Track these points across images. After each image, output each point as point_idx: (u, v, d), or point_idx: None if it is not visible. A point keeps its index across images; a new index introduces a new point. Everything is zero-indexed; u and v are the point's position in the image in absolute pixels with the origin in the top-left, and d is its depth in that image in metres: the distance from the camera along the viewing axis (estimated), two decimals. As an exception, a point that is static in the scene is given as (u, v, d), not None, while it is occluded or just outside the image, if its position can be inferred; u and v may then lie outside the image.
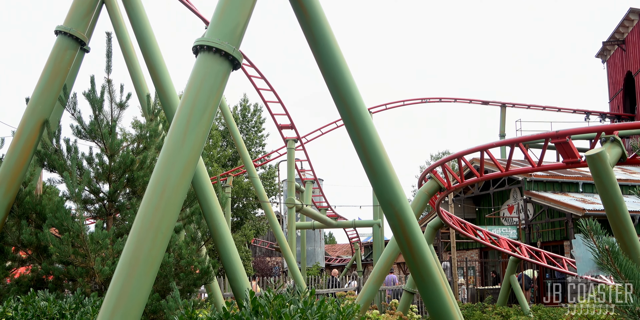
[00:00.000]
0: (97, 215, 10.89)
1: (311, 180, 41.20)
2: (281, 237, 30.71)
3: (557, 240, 32.22)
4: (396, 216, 9.43)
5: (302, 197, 40.03)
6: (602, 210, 18.87)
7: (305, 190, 40.52)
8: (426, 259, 9.55)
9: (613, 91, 47.96)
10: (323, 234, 58.06)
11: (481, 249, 38.42)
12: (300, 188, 40.69)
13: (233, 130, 30.03)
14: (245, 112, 54.12)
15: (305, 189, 40.59)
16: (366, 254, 61.07)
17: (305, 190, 40.47)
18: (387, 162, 9.44)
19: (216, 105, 7.50)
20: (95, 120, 10.77)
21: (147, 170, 10.79)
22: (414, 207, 14.95)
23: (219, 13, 7.78)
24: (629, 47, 44.38)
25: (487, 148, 14.86)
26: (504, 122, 46.66)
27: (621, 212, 10.94)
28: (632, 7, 42.76)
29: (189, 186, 7.90)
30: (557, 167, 14.15)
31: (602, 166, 10.96)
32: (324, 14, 9.07)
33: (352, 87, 9.25)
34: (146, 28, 12.34)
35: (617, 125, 12.87)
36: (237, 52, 7.65)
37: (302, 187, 40.91)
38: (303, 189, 40.80)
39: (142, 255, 6.75)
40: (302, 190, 40.85)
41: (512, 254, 23.59)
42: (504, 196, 37.40)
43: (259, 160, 47.33)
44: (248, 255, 47.86)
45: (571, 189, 33.81)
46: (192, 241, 10.91)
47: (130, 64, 13.42)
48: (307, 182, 40.88)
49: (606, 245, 4.23)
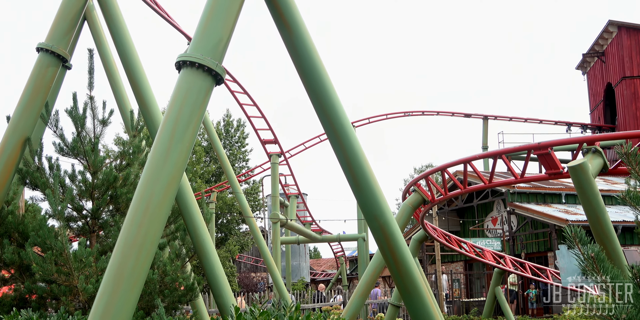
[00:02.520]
0: (81, 232, 10.82)
1: (295, 194, 41.14)
2: (266, 252, 30.59)
3: (541, 251, 32.32)
4: (381, 229, 9.43)
5: (287, 212, 39.95)
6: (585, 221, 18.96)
7: (290, 204, 40.45)
8: (411, 271, 9.55)
9: (594, 102, 48.38)
10: (308, 248, 57.90)
11: (466, 261, 38.46)
12: (284, 203, 40.61)
13: (216, 145, 29.97)
14: (228, 128, 54.04)
15: (289, 204, 40.52)
16: (351, 268, 60.96)
17: (290, 205, 40.40)
18: (371, 175, 9.45)
19: (199, 120, 7.49)
20: (77, 137, 10.72)
21: (131, 186, 10.74)
22: (399, 220, 14.96)
23: (201, 28, 7.80)
24: (608, 59, 44.84)
25: (470, 160, 14.92)
26: (487, 134, 46.89)
27: (604, 222, 11.00)
28: (611, 20, 43.25)
29: (173, 202, 7.87)
30: (540, 179, 14.24)
31: (585, 177, 11.04)
32: (307, 30, 9.11)
33: (335, 101, 9.27)
34: (128, 44, 12.32)
35: (599, 136, 12.99)
36: (220, 67, 7.66)
37: (286, 202, 40.84)
38: (287, 203, 40.73)
39: (126, 272, 6.71)
40: (286, 205, 40.78)
41: (496, 266, 23.63)
42: (488, 208, 37.52)
43: (243, 176, 47.23)
44: (233, 271, 47.60)
45: (554, 200, 33.97)
46: (177, 257, 10.85)
47: (112, 81, 13.39)
48: (291, 196, 40.82)
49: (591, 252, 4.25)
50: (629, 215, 28.34)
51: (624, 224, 27.52)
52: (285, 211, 40.24)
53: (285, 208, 40.69)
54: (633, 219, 4.54)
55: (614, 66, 44.01)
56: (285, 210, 40.53)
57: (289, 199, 40.77)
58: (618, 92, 43.61)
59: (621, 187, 35.16)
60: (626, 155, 4.45)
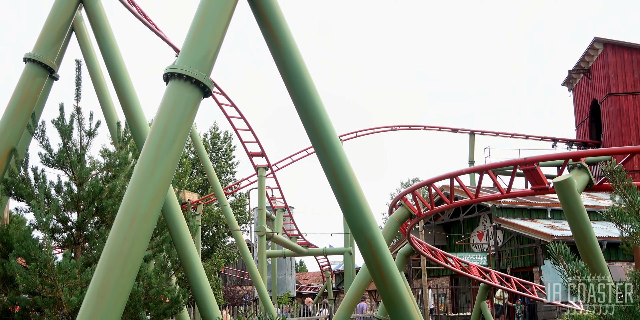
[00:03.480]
0: (65, 244, 10.76)
1: (282, 207, 41.07)
2: (252, 265, 30.49)
3: (527, 266, 32.37)
4: (367, 243, 9.44)
5: (273, 225, 39.87)
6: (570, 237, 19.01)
7: (276, 218, 40.38)
8: (397, 286, 9.55)
9: (579, 119, 48.69)
10: (294, 262, 57.79)
11: (452, 275, 38.45)
12: (270, 216, 40.54)
13: (203, 158, 29.93)
14: (215, 140, 53.97)
15: (276, 217, 40.45)
16: (337, 281, 60.81)
17: (276, 218, 40.32)
18: (358, 189, 9.47)
19: (187, 133, 7.49)
20: (64, 148, 10.68)
21: (117, 198, 10.70)
22: (385, 235, 14.96)
23: (189, 41, 7.81)
24: (594, 76, 45.20)
25: (456, 175, 14.96)
26: (473, 149, 47.05)
27: (589, 238, 11.05)
28: (596, 37, 43.63)
29: (159, 214, 7.85)
30: (526, 194, 14.29)
31: (570, 193, 11.09)
32: (295, 43, 9.14)
33: (322, 115, 9.30)
34: (116, 55, 12.32)
35: (584, 152, 13.06)
36: (208, 79, 7.67)
37: (272, 215, 40.76)
38: (274, 216, 40.65)
39: (111, 284, 6.67)
40: (272, 218, 40.70)
41: (482, 281, 23.64)
42: (474, 223, 37.57)
43: (230, 188, 47.13)
44: (218, 284, 47.38)
45: (540, 215, 34.06)
46: (162, 270, 10.80)
47: (99, 92, 13.37)
48: (277, 209, 40.75)
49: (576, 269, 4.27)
50: (614, 231, 28.44)
51: (609, 240, 27.61)
52: (271, 224, 40.16)
53: (271, 221, 40.61)
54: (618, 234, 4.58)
55: (599, 83, 44.36)
56: (271, 223, 40.45)
57: (276, 212, 40.70)
58: (603, 109, 43.92)
59: (606, 203, 35.33)
60: (610, 172, 4.48)
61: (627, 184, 4.35)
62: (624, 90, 42.65)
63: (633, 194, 4.34)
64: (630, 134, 42.07)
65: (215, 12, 7.95)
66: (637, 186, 4.51)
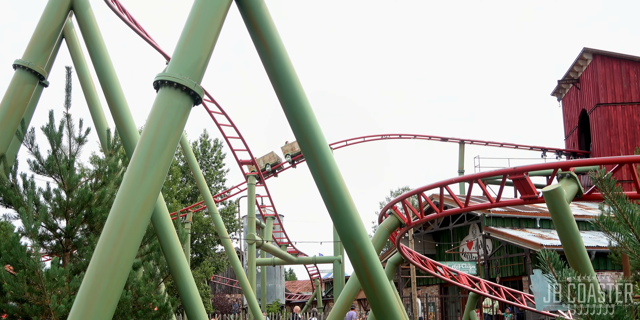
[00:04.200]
0: (54, 251, 10.70)
1: (272, 216, 41.00)
2: (241, 273, 30.40)
3: (516, 275, 32.42)
4: (357, 252, 9.44)
5: (263, 233, 39.77)
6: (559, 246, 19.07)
7: (266, 226, 40.29)
8: (387, 294, 9.54)
9: (568, 128, 48.92)
10: (283, 270, 57.63)
11: (441, 284, 38.46)
12: (260, 224, 40.45)
13: (193, 165, 29.88)
14: (205, 148, 53.90)
15: (265, 225, 40.36)
16: (327, 290, 60.70)
17: (266, 226, 40.24)
18: (348, 198, 9.47)
19: (177, 140, 7.48)
20: (53, 155, 10.64)
21: (106, 205, 10.66)
22: (375, 243, 14.96)
23: (180, 48, 7.81)
24: (583, 86, 45.45)
25: (446, 184, 14.99)
26: (463, 158, 47.15)
27: (578, 248, 11.07)
28: (585, 47, 43.88)
29: (148, 222, 7.82)
30: (515, 203, 14.32)
31: (559, 202, 11.12)
32: (285, 50, 9.16)
33: (313, 124, 9.31)
34: (106, 62, 12.31)
35: (573, 161, 13.12)
36: (198, 87, 7.67)
37: (262, 223, 40.68)
38: (263, 224, 40.57)
39: (100, 292, 6.64)
40: (262, 226, 40.61)
41: (471, 290, 23.65)
42: (463, 232, 37.63)
43: (219, 196, 47.02)
44: (207, 292, 47.20)
45: (529, 224, 34.14)
46: (151, 278, 10.76)
47: (89, 99, 13.34)
48: (267, 218, 40.67)
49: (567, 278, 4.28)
50: (603, 241, 28.53)
51: (598, 250, 27.70)
52: (261, 232, 40.06)
53: (261, 229, 40.52)
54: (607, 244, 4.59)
55: (588, 93, 44.61)
56: (261, 231, 40.36)
57: (265, 220, 40.62)
58: (592, 119, 44.15)
59: (595, 212, 35.47)
60: (600, 181, 4.50)
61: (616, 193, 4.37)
62: (612, 100, 42.91)
63: (622, 203, 4.36)
64: (618, 144, 42.29)
65: (206, 20, 7.97)
66: (626, 195, 4.53)
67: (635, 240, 4.27)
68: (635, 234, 4.28)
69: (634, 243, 4.27)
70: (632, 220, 4.30)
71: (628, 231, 4.33)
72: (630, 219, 4.30)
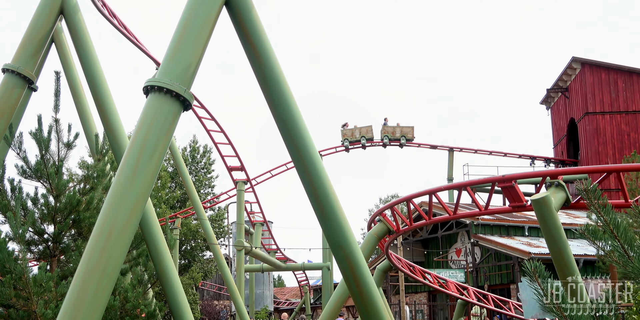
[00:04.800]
0: (41, 256, 10.65)
1: (260, 222, 40.94)
2: (229, 280, 30.32)
3: (504, 283, 32.47)
4: (346, 259, 9.44)
5: (251, 240, 39.69)
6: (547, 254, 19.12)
7: (255, 232, 40.22)
8: (375, 301, 9.54)
9: (557, 137, 49.13)
10: (272, 276, 57.52)
11: (429, 292, 38.46)
12: (249, 230, 40.37)
13: (182, 171, 29.81)
14: (194, 154, 53.77)
15: (254, 231, 40.29)
16: (315, 297, 60.59)
17: (255, 233, 40.17)
18: (338, 205, 9.48)
19: (166, 146, 7.47)
20: (41, 160, 10.60)
21: (94, 211, 10.62)
22: (364, 250, 14.96)
23: (170, 54, 7.81)
24: (571, 95, 45.68)
25: (435, 192, 15.02)
26: (452, 166, 47.24)
27: (566, 256, 11.11)
28: (574, 56, 44.13)
29: (137, 228, 7.80)
30: (504, 211, 14.37)
31: (547, 210, 11.16)
32: (276, 57, 9.17)
33: (302, 130, 9.32)
34: (96, 67, 12.28)
35: (561, 170, 13.17)
36: (188, 93, 7.67)
37: (251, 230, 40.61)
38: (252, 231, 40.50)
39: (87, 298, 6.61)
40: (251, 232, 40.54)
41: (460, 297, 23.68)
42: (452, 239, 37.67)
43: (208, 202, 46.93)
44: (195, 298, 47.02)
45: (517, 232, 34.22)
46: (139, 284, 10.71)
47: (78, 103, 13.31)
48: (256, 224, 40.60)
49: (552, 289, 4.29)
50: (591, 249, 28.61)
51: (586, 258, 27.77)
52: (250, 239, 39.99)
53: (250, 235, 40.44)
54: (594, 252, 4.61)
55: (577, 102, 44.84)
56: (250, 237, 40.28)
57: (254, 227, 40.55)
58: (581, 128, 44.37)
59: (583, 220, 35.61)
60: (586, 191, 4.52)
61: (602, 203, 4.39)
62: (601, 109, 43.15)
63: (608, 213, 4.38)
64: (607, 153, 42.51)
65: (197, 26, 7.97)
66: (612, 205, 4.56)
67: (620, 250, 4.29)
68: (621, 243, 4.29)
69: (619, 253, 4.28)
70: (618, 229, 4.32)
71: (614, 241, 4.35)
72: (616, 229, 4.32)
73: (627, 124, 43.10)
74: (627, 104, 43.20)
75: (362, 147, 44.86)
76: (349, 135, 44.66)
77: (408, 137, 45.21)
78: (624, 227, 4.35)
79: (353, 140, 44.58)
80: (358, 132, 44.56)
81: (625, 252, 4.29)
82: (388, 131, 44.53)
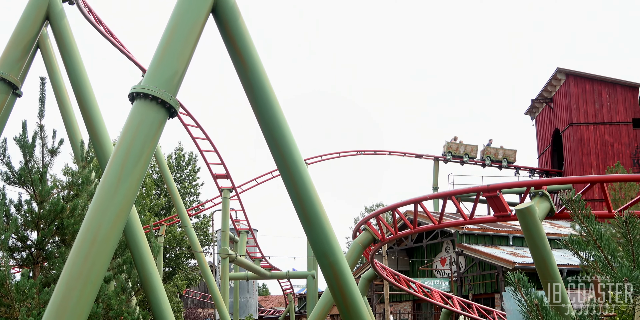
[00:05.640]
0: (24, 263, 10.58)
1: (245, 230, 40.83)
2: (214, 287, 30.21)
3: (489, 292, 32.55)
4: (331, 267, 9.43)
5: (236, 248, 39.58)
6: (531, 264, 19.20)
7: (240, 240, 40.11)
8: (360, 310, 9.54)
9: (542, 147, 49.42)
10: (256, 285, 57.35)
11: (414, 301, 38.48)
12: (234, 238, 40.26)
13: (167, 178, 29.73)
14: (179, 161, 53.61)
15: (239, 239, 40.17)
16: (300, 305, 60.46)
17: (240, 241, 40.05)
18: (323, 213, 9.48)
19: (151, 153, 7.45)
20: (25, 166, 10.54)
21: (78, 218, 10.57)
22: (349, 259, 14.96)
23: (156, 60, 7.80)
24: (556, 105, 46.00)
25: (420, 201, 15.04)
26: (437, 175, 47.37)
27: (550, 265, 11.15)
28: (559, 67, 44.48)
29: (121, 235, 7.76)
30: (488, 221, 14.42)
31: (532, 220, 11.21)
32: (262, 66, 9.18)
33: (288, 138, 9.32)
34: (81, 73, 12.24)
35: (546, 180, 13.24)
36: (174, 100, 7.66)
37: (236, 237, 40.50)
38: (237, 239, 40.39)
39: (70, 305, 6.57)
40: (236, 240, 40.43)
41: (444, 307, 23.69)
42: (437, 249, 37.73)
43: (193, 210, 46.76)
44: (180, 306, 46.79)
45: (502, 242, 34.33)
46: (122, 291, 10.65)
47: (63, 110, 13.25)
48: (241, 232, 40.49)
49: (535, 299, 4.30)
50: (575, 259, 28.74)
51: (569, 268, 27.90)
52: (235, 247, 39.87)
53: (235, 243, 40.33)
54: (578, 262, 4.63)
55: (561, 112, 45.15)
56: (235, 245, 40.17)
57: (239, 235, 40.44)
58: (565, 138, 44.66)
59: (567, 231, 35.78)
60: (569, 202, 4.55)
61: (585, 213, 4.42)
62: (585, 120, 43.47)
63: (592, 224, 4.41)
64: (590, 163, 42.80)
65: (183, 33, 7.97)
66: (595, 215, 4.58)
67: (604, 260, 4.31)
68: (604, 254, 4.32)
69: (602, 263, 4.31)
70: (601, 240, 4.34)
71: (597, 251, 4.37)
72: (599, 239, 4.35)
73: (610, 134, 43.44)
74: (610, 115, 43.56)
75: (461, 163, 46.03)
76: (454, 149, 45.87)
77: (510, 160, 46.30)
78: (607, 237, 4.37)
79: (456, 155, 45.84)
80: (463, 149, 45.90)
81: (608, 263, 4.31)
82: (491, 152, 45.75)
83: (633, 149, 43.11)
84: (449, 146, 45.91)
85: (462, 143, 46.15)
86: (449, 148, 45.86)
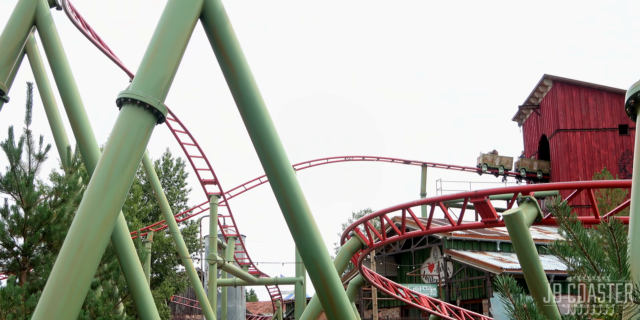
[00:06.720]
0: (10, 269, 10.52)
1: (233, 236, 40.74)
2: (202, 294, 30.11)
3: (476, 298, 32.60)
4: (319, 273, 9.42)
5: (224, 253, 39.47)
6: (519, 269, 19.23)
7: (228, 246, 40.02)
8: (348, 316, 9.53)
9: (529, 153, 49.61)
10: (244, 291, 57.20)
11: (402, 306, 38.48)
12: (222, 244, 40.17)
13: (155, 184, 29.64)
14: (167, 167, 53.48)
15: (227, 245, 40.08)
16: (288, 311, 60.34)
17: (228, 246, 39.96)
18: (311, 219, 9.47)
19: (139, 158, 7.43)
20: (11, 172, 10.50)
21: (65, 223, 10.52)
22: (337, 265, 14.95)
23: (144, 66, 7.78)
24: (543, 112, 46.23)
25: (408, 206, 15.07)
26: (425, 181, 47.51)
27: (537, 271, 11.19)
28: (546, 74, 44.72)
29: (108, 241, 7.73)
30: (476, 226, 14.46)
31: (519, 226, 11.25)
32: (251, 72, 9.18)
33: (276, 144, 9.32)
34: (68, 79, 12.19)
35: (533, 186, 13.30)
36: (162, 105, 7.65)
37: (224, 243, 40.41)
38: (225, 245, 40.30)
39: (57, 311, 6.54)
40: (224, 246, 40.34)
41: (432, 312, 23.70)
42: (425, 254, 37.78)
43: (181, 216, 46.64)
44: (167, 312, 46.60)
45: (489, 248, 34.42)
46: (110, 297, 10.61)
47: (50, 115, 13.19)
48: (229, 238, 40.41)
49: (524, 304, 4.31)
50: (562, 265, 28.74)
51: (557, 273, 27.99)
52: (222, 252, 39.77)
53: (223, 249, 40.22)
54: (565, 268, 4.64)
55: (548, 119, 45.37)
56: (222, 251, 40.06)
57: (227, 241, 40.35)
58: (552, 144, 44.88)
59: (554, 236, 35.91)
60: (555, 208, 4.57)
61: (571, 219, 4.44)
62: (572, 126, 43.70)
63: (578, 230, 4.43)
64: (577, 169, 43.01)
65: (171, 38, 7.96)
66: (582, 221, 4.61)
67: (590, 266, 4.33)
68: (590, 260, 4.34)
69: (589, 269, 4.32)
70: (587, 246, 4.36)
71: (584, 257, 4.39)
72: (586, 245, 4.36)
73: (597, 141, 43.68)
74: (597, 122, 43.80)
75: (496, 175, 46.71)
76: (489, 161, 46.52)
77: (544, 172, 46.70)
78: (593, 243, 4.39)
79: (492, 167, 46.47)
80: (498, 161, 46.58)
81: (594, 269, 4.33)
82: (525, 164, 46.57)
83: (619, 155, 43.36)
84: (484, 158, 46.28)
85: (497, 154, 46.51)
86: (485, 160, 46.27)
